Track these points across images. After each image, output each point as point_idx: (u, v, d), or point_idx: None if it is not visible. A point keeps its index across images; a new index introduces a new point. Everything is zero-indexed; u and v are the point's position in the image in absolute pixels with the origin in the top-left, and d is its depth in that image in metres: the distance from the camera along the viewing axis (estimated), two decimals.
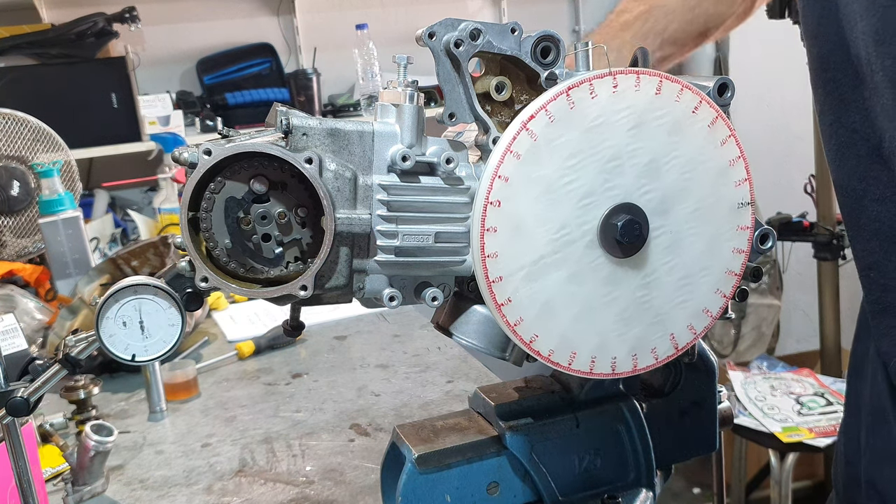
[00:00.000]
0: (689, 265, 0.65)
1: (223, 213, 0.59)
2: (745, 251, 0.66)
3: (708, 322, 0.67)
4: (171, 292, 0.59)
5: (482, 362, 1.34)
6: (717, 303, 0.66)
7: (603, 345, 0.64)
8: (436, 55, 0.61)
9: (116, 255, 1.54)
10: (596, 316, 0.63)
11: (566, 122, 0.60)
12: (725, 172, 0.64)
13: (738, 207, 0.65)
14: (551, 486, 0.71)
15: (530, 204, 0.60)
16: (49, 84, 2.67)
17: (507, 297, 0.61)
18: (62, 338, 1.27)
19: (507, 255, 0.61)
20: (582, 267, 0.62)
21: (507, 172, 0.60)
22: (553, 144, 0.60)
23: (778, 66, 3.25)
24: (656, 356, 0.66)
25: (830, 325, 2.67)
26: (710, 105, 0.63)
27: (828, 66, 0.81)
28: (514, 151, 0.59)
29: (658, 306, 0.64)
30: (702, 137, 0.63)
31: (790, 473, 2.19)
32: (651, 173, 0.62)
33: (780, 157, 3.29)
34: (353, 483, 0.99)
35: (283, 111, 0.60)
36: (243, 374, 1.42)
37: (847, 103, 0.80)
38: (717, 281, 0.66)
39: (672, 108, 0.62)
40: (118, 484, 1.05)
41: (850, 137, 0.80)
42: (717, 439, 0.80)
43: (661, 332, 0.65)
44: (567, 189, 0.61)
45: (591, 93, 0.60)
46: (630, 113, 0.61)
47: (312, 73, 3.04)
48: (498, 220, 0.60)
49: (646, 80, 0.61)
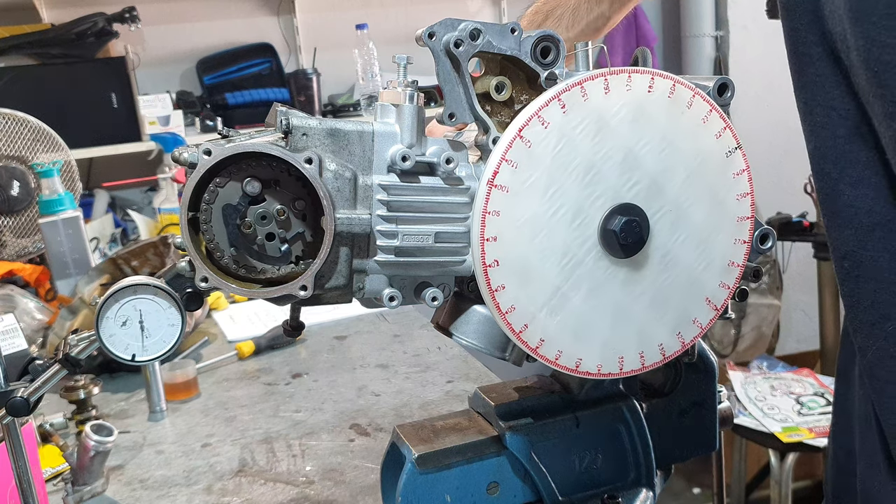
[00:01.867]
0: (699, 230, 0.65)
1: (223, 222, 0.59)
2: (745, 194, 0.66)
3: (736, 273, 0.67)
4: (171, 292, 0.59)
5: (482, 362, 1.34)
6: (739, 253, 0.67)
7: (645, 336, 0.65)
8: (436, 55, 0.61)
9: (116, 255, 1.54)
10: (630, 315, 0.64)
11: (529, 163, 0.60)
12: (699, 130, 0.64)
13: (726, 156, 0.65)
14: (551, 486, 0.71)
15: (527, 246, 0.61)
16: (49, 84, 2.67)
17: (539, 339, 0.62)
18: (62, 338, 1.27)
19: (524, 302, 0.61)
20: (598, 281, 0.63)
21: (494, 232, 0.60)
22: (526, 186, 0.60)
23: (778, 66, 3.25)
24: (700, 325, 0.67)
25: (830, 325, 2.67)
26: (662, 76, 0.62)
27: (803, 40, 0.76)
28: (491, 212, 0.60)
29: (685, 279, 0.65)
30: (664, 111, 0.63)
31: (790, 473, 2.19)
32: (630, 165, 0.62)
33: (780, 156, 3.29)
34: (353, 483, 0.99)
35: (283, 111, 0.60)
36: (243, 374, 1.42)
37: (823, 79, 0.75)
38: (731, 233, 0.66)
39: (627, 98, 0.62)
40: (118, 484, 1.05)
41: (827, 116, 0.76)
42: (717, 439, 0.80)
43: (697, 300, 0.66)
44: (556, 218, 0.61)
45: (544, 124, 0.60)
46: (588, 122, 0.61)
47: (312, 73, 3.04)
48: (503, 274, 0.61)
49: (591, 87, 0.61)
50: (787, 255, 3.10)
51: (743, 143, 0.65)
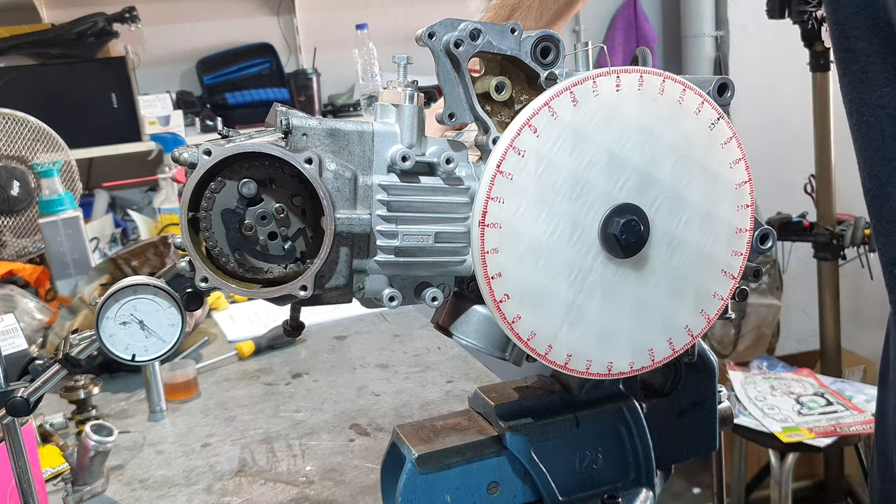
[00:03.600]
0: (700, 207, 0.65)
1: (223, 227, 0.59)
2: (737, 160, 0.66)
3: (746, 238, 0.67)
4: (171, 292, 0.59)
5: (482, 362, 1.34)
6: (744, 218, 0.67)
7: (670, 322, 0.66)
8: (436, 55, 0.61)
9: (116, 255, 1.54)
10: (650, 307, 0.65)
11: (515, 195, 0.60)
12: (677, 112, 0.64)
13: (709, 129, 0.64)
14: (551, 486, 0.71)
15: (533, 273, 0.61)
16: (49, 84, 2.67)
17: (566, 355, 0.63)
18: (62, 338, 1.27)
19: (543, 325, 0.62)
20: (611, 284, 0.63)
21: (497, 269, 0.60)
22: (518, 217, 0.60)
23: (778, 67, 3.26)
24: (721, 297, 0.67)
25: (830, 325, 2.67)
26: (627, 72, 0.62)
27: (848, 34, 0.72)
28: (490, 251, 0.60)
29: (696, 257, 0.65)
30: (636, 104, 0.62)
31: (790, 473, 2.18)
32: (615, 166, 0.62)
33: (780, 157, 3.29)
34: (353, 483, 0.99)
35: (283, 111, 0.60)
36: (243, 374, 1.42)
37: (871, 76, 0.72)
38: (731, 201, 0.66)
39: (597, 103, 0.61)
40: (118, 484, 1.05)
41: (875, 115, 0.72)
42: (717, 439, 0.80)
43: (713, 274, 0.66)
44: (554, 239, 0.61)
45: (520, 153, 0.60)
46: (564, 138, 0.61)
47: (312, 73, 3.04)
48: (516, 305, 0.61)
49: (558, 104, 0.60)
50: (787, 255, 3.09)
51: (743, 143, 0.65)
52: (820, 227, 2.59)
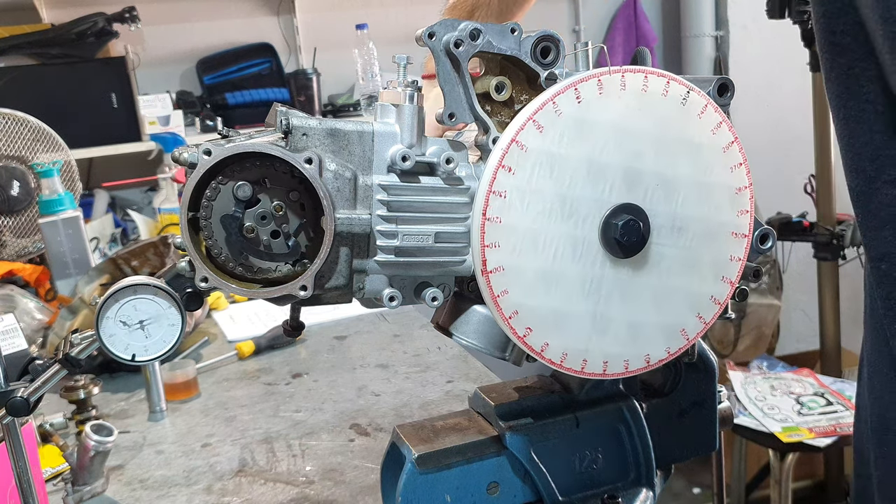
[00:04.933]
0: (693, 181, 0.64)
1: (224, 232, 0.59)
2: (719, 124, 0.65)
3: (748, 195, 0.67)
4: (171, 292, 0.59)
5: (482, 362, 1.34)
6: (740, 176, 0.66)
7: (695, 298, 0.66)
8: (436, 55, 0.61)
9: (116, 255, 1.53)
10: (671, 291, 0.65)
11: (510, 236, 0.60)
12: (653, 99, 0.63)
13: (681, 103, 0.63)
14: (551, 486, 0.71)
15: (548, 300, 0.62)
16: (49, 84, 2.67)
17: (602, 363, 0.64)
18: (62, 338, 1.27)
19: (574, 344, 0.63)
20: (626, 283, 0.64)
21: (513, 308, 0.61)
22: (518, 254, 0.61)
23: (778, 67, 3.26)
24: (738, 258, 0.67)
25: (830, 325, 2.67)
26: (597, 76, 0.61)
27: (834, 29, 0.71)
28: (500, 294, 0.61)
29: (703, 230, 0.65)
30: (610, 106, 0.62)
31: (790, 473, 2.18)
32: (598, 173, 0.62)
33: (780, 157, 3.29)
34: (353, 483, 0.99)
35: (283, 111, 0.60)
36: (243, 374, 1.42)
37: (858, 72, 0.71)
38: (724, 165, 0.65)
39: (562, 124, 0.60)
40: (118, 484, 1.05)
41: (862, 110, 0.71)
42: (717, 439, 0.80)
43: (724, 237, 0.66)
44: (559, 261, 0.62)
45: (503, 196, 0.60)
46: (539, 165, 0.60)
47: (312, 73, 3.04)
48: (541, 335, 0.62)
49: (525, 136, 0.60)
50: (787, 255, 3.09)
51: (743, 144, 0.65)
52: (820, 227, 2.59)
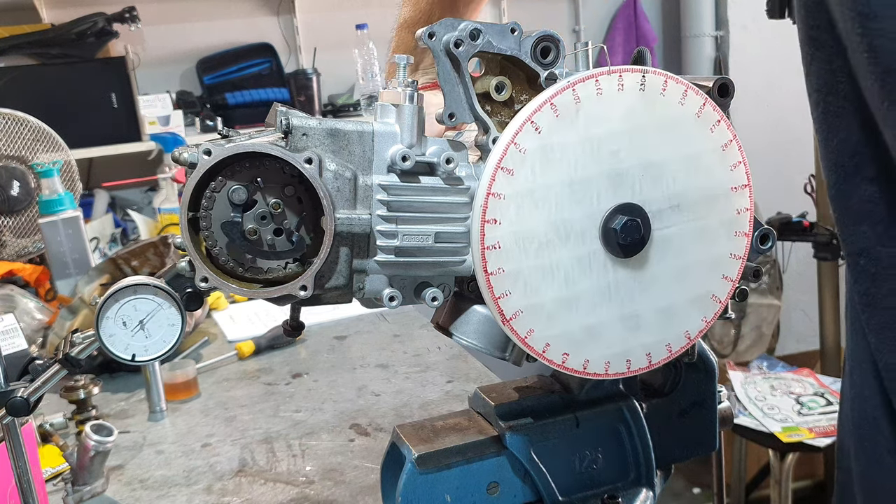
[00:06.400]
0: (683, 161, 0.64)
1: (227, 239, 0.59)
2: (703, 105, 0.64)
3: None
4: (171, 292, 0.59)
5: (482, 362, 1.34)
6: (733, 151, 0.65)
7: (715, 268, 0.66)
8: (436, 55, 0.61)
9: (116, 255, 1.54)
10: (689, 273, 0.65)
11: (509, 275, 0.60)
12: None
13: (639, 90, 0.62)
14: (551, 486, 0.71)
15: (576, 320, 0.62)
16: (49, 84, 2.67)
17: (625, 362, 0.65)
18: (62, 338, 1.27)
19: (605, 355, 0.64)
20: (643, 278, 0.64)
21: (541, 337, 0.62)
22: (530, 288, 0.61)
23: (778, 67, 3.25)
24: (745, 232, 0.67)
25: (830, 325, 2.67)
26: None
27: (815, 23, 0.69)
28: (512, 316, 0.61)
29: (701, 193, 0.65)
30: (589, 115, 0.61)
31: (790, 473, 2.19)
32: (581, 188, 0.61)
33: (780, 157, 3.29)
34: (353, 483, 0.99)
35: (283, 111, 0.60)
36: (243, 374, 1.42)
37: (836, 67, 0.69)
38: (714, 143, 0.65)
39: (534, 142, 0.60)
40: (118, 484, 1.05)
41: (841, 106, 0.69)
42: (717, 439, 0.80)
43: (723, 198, 0.65)
44: (564, 268, 0.62)
45: (497, 247, 0.60)
46: (523, 199, 0.60)
47: (312, 73, 3.04)
48: (579, 359, 0.63)
49: (513, 157, 0.59)
50: (787, 255, 3.10)
51: (743, 144, 0.65)
52: (820, 227, 2.59)
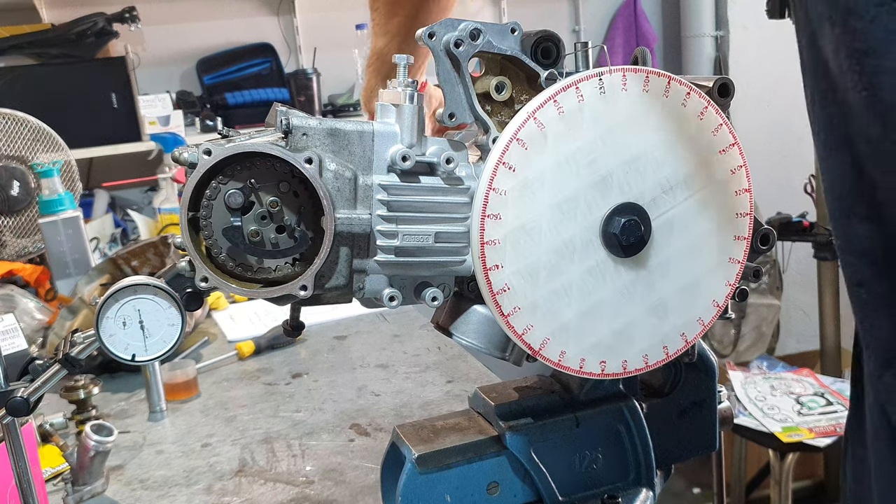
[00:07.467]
0: (654, 145, 0.64)
1: (230, 244, 0.59)
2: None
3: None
4: (171, 292, 0.59)
5: (482, 362, 1.34)
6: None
7: (723, 237, 0.66)
8: (436, 55, 0.61)
9: (116, 255, 1.54)
10: (695, 265, 0.66)
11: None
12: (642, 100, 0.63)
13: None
14: (551, 486, 0.71)
15: (602, 329, 0.64)
16: (49, 84, 2.67)
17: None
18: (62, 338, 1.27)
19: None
20: (647, 275, 0.65)
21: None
22: (547, 309, 0.62)
23: (778, 66, 3.25)
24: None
25: (830, 325, 2.67)
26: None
27: (815, 45, 0.67)
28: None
29: (689, 168, 0.65)
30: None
31: (790, 473, 2.19)
32: (568, 209, 0.62)
33: (780, 157, 3.29)
34: (353, 483, 0.99)
35: (283, 111, 0.60)
36: (243, 374, 1.42)
37: (832, 111, 0.66)
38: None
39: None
40: (118, 484, 1.05)
41: (838, 139, 0.66)
42: (717, 439, 0.80)
43: (715, 161, 0.65)
44: (577, 285, 0.63)
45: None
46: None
47: (312, 73, 3.04)
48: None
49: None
50: (787, 255, 3.10)
51: (743, 144, 0.65)
52: (820, 227, 2.59)
